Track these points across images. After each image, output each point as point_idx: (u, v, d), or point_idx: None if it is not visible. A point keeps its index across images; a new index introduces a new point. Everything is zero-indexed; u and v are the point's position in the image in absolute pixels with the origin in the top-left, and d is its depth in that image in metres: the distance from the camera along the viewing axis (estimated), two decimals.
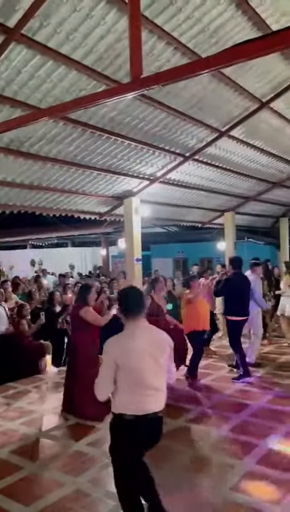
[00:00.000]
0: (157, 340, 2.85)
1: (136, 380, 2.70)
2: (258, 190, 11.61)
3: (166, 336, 2.93)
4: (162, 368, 2.80)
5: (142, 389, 2.71)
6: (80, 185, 7.95)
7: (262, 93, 7.05)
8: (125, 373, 2.68)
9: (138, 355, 2.70)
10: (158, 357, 2.76)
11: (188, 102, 6.58)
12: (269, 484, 3.57)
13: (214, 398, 5.69)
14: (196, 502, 3.38)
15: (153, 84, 3.20)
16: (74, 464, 4.01)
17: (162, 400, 2.80)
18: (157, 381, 2.75)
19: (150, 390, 2.72)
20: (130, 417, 2.70)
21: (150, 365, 2.72)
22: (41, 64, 4.88)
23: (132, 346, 2.73)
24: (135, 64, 3.30)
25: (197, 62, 3.24)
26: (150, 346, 2.77)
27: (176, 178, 9.10)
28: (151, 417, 2.73)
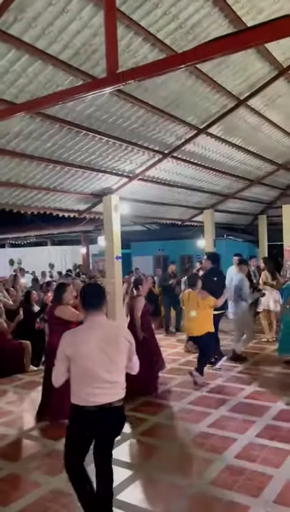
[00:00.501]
0: (111, 335, 2.91)
1: (85, 372, 2.81)
2: (236, 188, 11.72)
3: (123, 331, 3.01)
4: (117, 363, 2.86)
5: (91, 381, 2.80)
6: (58, 182, 7.87)
7: (239, 91, 7.10)
8: (76, 365, 2.82)
9: (88, 348, 2.80)
10: (111, 352, 2.84)
11: (166, 99, 6.58)
12: (247, 478, 3.60)
13: (194, 394, 5.72)
14: (175, 497, 3.39)
15: (129, 79, 3.18)
16: (52, 463, 3.97)
17: (116, 393, 2.85)
18: (110, 376, 2.82)
19: (101, 383, 2.80)
20: (80, 407, 2.82)
21: (100, 359, 2.80)
22: (16, 58, 4.79)
23: (84, 339, 2.84)
24: (110, 58, 3.27)
25: (173, 57, 3.23)
26: (103, 341, 2.84)
27: (155, 175, 9.10)
28: (102, 408, 2.79)
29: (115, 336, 2.92)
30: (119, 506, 3.29)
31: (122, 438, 4.46)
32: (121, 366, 2.91)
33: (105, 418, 2.83)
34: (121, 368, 2.91)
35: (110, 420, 2.87)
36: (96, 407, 2.79)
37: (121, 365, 2.90)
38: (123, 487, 3.56)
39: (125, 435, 4.55)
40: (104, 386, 2.81)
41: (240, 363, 7.02)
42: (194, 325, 6.23)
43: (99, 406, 2.79)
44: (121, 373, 2.91)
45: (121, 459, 4.02)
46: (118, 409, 2.89)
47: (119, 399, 2.87)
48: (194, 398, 5.55)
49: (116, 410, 2.87)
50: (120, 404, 2.89)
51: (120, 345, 2.89)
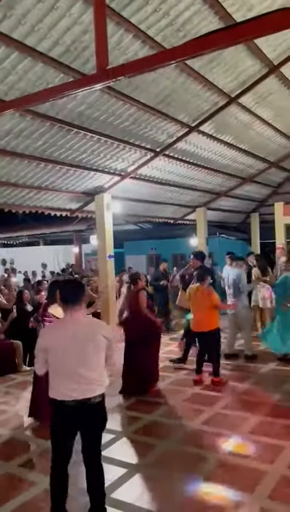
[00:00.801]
0: (87, 331, 2.91)
1: (60, 366, 2.85)
2: (228, 186, 11.75)
3: (101, 328, 2.99)
4: (92, 359, 2.86)
5: (67, 376, 2.83)
6: (50, 181, 7.83)
7: (230, 89, 7.12)
8: (52, 359, 2.88)
9: (63, 343, 2.85)
10: (87, 348, 2.85)
11: (158, 96, 6.57)
12: (241, 474, 3.61)
13: (187, 392, 5.71)
14: (170, 494, 3.38)
15: (120, 76, 3.16)
16: (46, 463, 3.89)
17: (92, 389, 2.85)
18: (85, 371, 2.83)
19: (76, 378, 2.82)
20: (56, 401, 2.86)
21: (75, 355, 2.82)
22: (5, 55, 4.76)
23: (60, 334, 2.91)
24: (100, 54, 3.25)
25: (163, 53, 3.22)
26: (78, 337, 2.86)
27: (147, 174, 9.09)
28: (79, 403, 2.81)
29: (91, 332, 2.92)
30: (114, 505, 3.28)
31: (116, 436, 4.46)
32: (97, 362, 2.90)
33: (84, 414, 2.85)
34: (96, 364, 2.90)
35: (89, 416, 2.88)
36: (74, 401, 2.81)
37: (96, 362, 2.89)
38: (118, 485, 3.55)
39: (119, 433, 4.55)
40: (79, 381, 2.82)
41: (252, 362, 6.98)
42: (204, 321, 6.11)
43: (77, 401, 2.81)
44: (97, 369, 2.90)
45: (115, 458, 4.01)
46: (97, 405, 2.88)
47: (96, 395, 2.87)
48: (188, 396, 5.54)
49: (94, 406, 2.87)
50: (98, 400, 2.89)
51: (96, 341, 2.89)
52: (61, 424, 2.91)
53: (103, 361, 2.96)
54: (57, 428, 2.94)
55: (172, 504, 3.26)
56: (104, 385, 2.95)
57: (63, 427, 2.92)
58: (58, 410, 2.88)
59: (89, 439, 2.96)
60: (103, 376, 2.96)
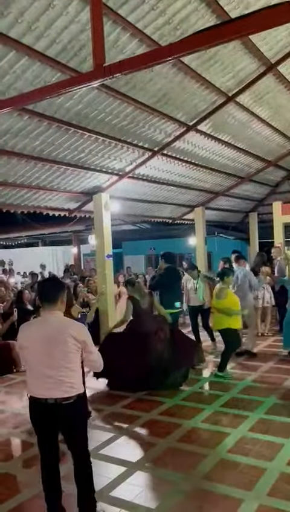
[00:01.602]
0: (57, 333, 2.85)
1: (30, 365, 2.91)
2: (227, 185, 11.73)
3: (71, 329, 2.88)
4: (59, 361, 2.82)
5: (36, 375, 2.87)
6: (48, 180, 7.81)
7: (228, 87, 7.11)
8: (25, 356, 2.94)
9: (33, 343, 2.87)
10: (55, 349, 2.81)
11: (155, 95, 6.56)
12: (240, 471, 3.60)
13: (187, 391, 5.70)
14: (169, 492, 3.37)
15: (116, 73, 3.15)
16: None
17: (63, 390, 2.82)
18: (52, 372, 2.81)
19: (44, 378, 2.82)
20: (31, 398, 2.91)
21: (42, 355, 2.82)
22: (2, 55, 4.73)
23: (31, 334, 2.93)
24: (97, 52, 3.24)
25: (160, 50, 3.21)
26: (47, 337, 2.84)
27: (145, 173, 9.07)
28: (51, 403, 2.82)
29: (61, 333, 2.85)
30: (114, 503, 3.28)
31: (116, 435, 4.46)
32: (68, 363, 2.84)
33: (58, 414, 2.85)
34: (68, 365, 2.84)
35: (63, 417, 2.86)
36: (45, 401, 2.83)
37: (67, 363, 2.83)
38: (117, 483, 3.55)
39: (118, 431, 4.54)
40: (47, 381, 2.81)
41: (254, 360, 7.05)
42: (215, 320, 6.54)
43: (48, 401, 2.82)
44: (70, 370, 2.84)
45: (114, 456, 4.01)
46: (69, 406, 2.83)
47: (68, 396, 2.83)
48: (187, 395, 5.54)
49: (67, 407, 2.83)
50: (70, 402, 2.83)
51: (66, 343, 2.82)
52: (38, 421, 2.94)
53: (75, 363, 2.89)
54: (35, 426, 2.97)
55: (171, 502, 3.26)
56: (77, 387, 2.89)
57: (40, 424, 2.94)
58: (33, 408, 2.92)
59: (69, 439, 2.97)
60: (76, 378, 2.90)
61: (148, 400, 5.44)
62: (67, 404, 2.83)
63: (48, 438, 2.95)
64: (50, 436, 2.95)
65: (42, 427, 2.94)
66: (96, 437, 4.42)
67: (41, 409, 2.86)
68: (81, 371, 3.07)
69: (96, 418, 4.93)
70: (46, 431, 2.94)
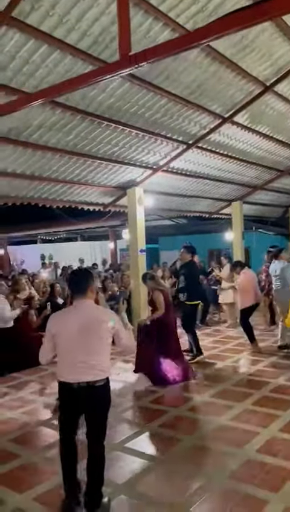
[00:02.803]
0: (92, 319, 3.03)
1: (65, 352, 3.01)
2: (265, 178, 11.42)
3: (103, 316, 3.09)
4: (95, 346, 2.98)
5: (71, 359, 2.98)
6: (82, 175, 7.88)
7: (265, 76, 6.88)
8: (58, 344, 3.04)
9: (68, 330, 3.00)
10: (90, 335, 2.97)
11: (189, 87, 6.44)
12: (268, 472, 3.48)
13: (217, 387, 5.60)
14: (193, 489, 3.31)
15: (141, 62, 3.09)
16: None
17: (95, 373, 2.97)
18: (87, 357, 2.95)
19: (79, 363, 2.95)
20: (62, 383, 3.03)
21: (79, 341, 2.96)
22: (35, 48, 4.79)
23: (65, 321, 3.06)
24: (123, 41, 3.20)
25: (186, 36, 3.11)
26: (83, 324, 2.98)
27: (179, 167, 8.97)
28: (82, 386, 2.95)
29: (96, 320, 3.02)
30: (137, 497, 3.25)
31: (142, 429, 4.43)
32: (101, 349, 3.01)
33: (86, 397, 2.98)
34: (100, 350, 3.01)
35: (92, 399, 3.00)
36: (77, 384, 2.96)
37: (100, 348, 3.01)
38: (140, 478, 3.51)
39: (144, 426, 4.51)
40: (82, 366, 2.95)
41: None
42: None
43: (79, 384, 2.95)
44: (101, 355, 3.01)
45: (139, 450, 3.98)
46: (99, 388, 2.99)
47: (99, 379, 2.98)
48: (216, 391, 5.43)
49: (96, 389, 2.98)
50: (101, 384, 2.99)
51: (100, 329, 3.00)
52: (68, 404, 3.09)
53: (107, 348, 3.07)
54: (63, 407, 3.13)
55: (194, 499, 3.19)
56: (106, 371, 3.05)
57: (68, 406, 3.09)
58: (64, 391, 3.06)
59: (91, 422, 3.08)
60: (106, 362, 3.05)
61: (177, 395, 5.38)
62: (98, 387, 2.98)
63: (73, 419, 3.10)
64: (76, 416, 3.10)
65: (71, 409, 3.08)
66: (122, 430, 4.41)
67: (73, 392, 2.98)
68: (109, 356, 3.18)
69: (124, 411, 4.93)
70: (73, 412, 3.08)
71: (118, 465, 3.71)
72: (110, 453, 3.86)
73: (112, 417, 4.62)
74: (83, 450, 3.33)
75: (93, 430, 3.08)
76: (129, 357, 7.22)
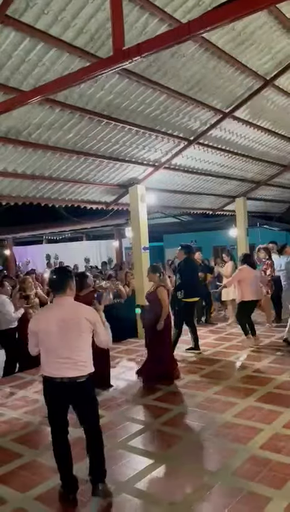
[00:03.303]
0: (71, 316, 3.13)
1: (46, 347, 3.13)
2: (269, 174, 11.33)
3: (84, 312, 3.19)
4: (74, 342, 3.08)
5: (52, 356, 3.09)
6: (83, 173, 7.85)
7: (265, 71, 6.80)
8: (40, 340, 3.17)
9: (48, 326, 3.11)
10: (70, 331, 3.07)
11: (188, 82, 6.39)
12: (271, 469, 3.44)
13: (220, 384, 5.56)
14: (195, 486, 3.28)
15: (135, 56, 3.06)
16: (74, 450, 3.93)
17: (76, 369, 3.08)
18: (67, 352, 3.06)
19: (60, 359, 3.06)
20: (46, 377, 3.15)
21: (58, 337, 3.07)
22: (31, 47, 4.76)
23: (45, 318, 3.18)
24: (116, 36, 3.18)
25: (178, 28, 3.07)
26: (62, 320, 3.09)
27: (181, 163, 8.92)
28: (66, 381, 3.06)
29: (75, 316, 3.13)
30: (137, 495, 3.24)
31: (144, 427, 4.41)
32: (80, 345, 3.11)
33: (71, 392, 3.10)
34: (81, 346, 3.11)
35: (76, 393, 3.12)
36: (60, 379, 3.06)
37: (80, 344, 3.10)
38: (143, 476, 3.50)
39: (147, 424, 4.49)
40: (63, 361, 3.05)
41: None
42: None
43: (63, 380, 3.06)
44: (82, 351, 3.11)
45: (141, 448, 3.97)
46: (82, 383, 3.10)
47: (81, 375, 3.10)
48: (220, 388, 5.39)
49: (80, 384, 3.09)
50: (84, 380, 3.10)
51: (80, 325, 3.10)
52: (52, 399, 3.19)
53: (87, 344, 3.17)
54: (49, 403, 3.22)
55: (196, 497, 3.16)
56: (88, 366, 3.15)
57: (53, 402, 3.20)
58: (48, 386, 3.17)
59: (81, 415, 3.23)
60: (87, 358, 3.16)
61: (180, 393, 5.35)
62: (80, 382, 3.09)
63: (60, 411, 3.20)
64: (62, 410, 3.20)
65: (56, 403, 3.18)
66: (126, 428, 4.40)
67: (56, 387, 3.09)
68: (91, 350, 3.25)
69: (127, 409, 4.91)
70: (58, 407, 3.19)
71: (121, 463, 3.69)
72: (113, 451, 3.85)
73: (115, 415, 4.65)
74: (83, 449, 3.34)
75: (84, 421, 3.23)
76: (134, 355, 7.23)
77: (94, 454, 3.24)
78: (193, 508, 3.03)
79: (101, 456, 3.25)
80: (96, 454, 3.24)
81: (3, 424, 4.73)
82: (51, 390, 3.16)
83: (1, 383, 6.24)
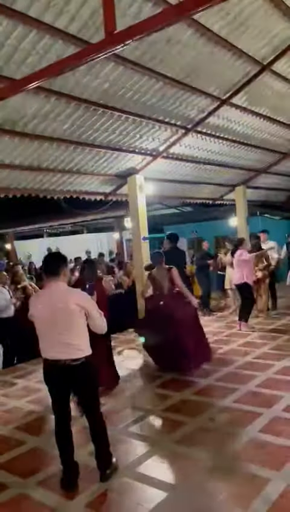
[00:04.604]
0: (62, 300, 3.13)
1: (41, 331, 3.19)
2: (268, 162, 11.26)
3: (74, 297, 3.18)
4: (67, 326, 3.10)
5: (46, 340, 3.15)
6: (81, 164, 7.81)
7: (262, 55, 6.73)
8: (36, 325, 3.22)
9: (41, 311, 3.17)
10: (61, 315, 3.09)
11: (184, 69, 6.33)
12: (270, 452, 3.46)
13: (222, 371, 5.58)
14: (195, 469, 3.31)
15: (127, 40, 3.02)
16: (76, 437, 3.95)
17: (70, 352, 3.10)
18: (61, 337, 3.09)
19: (54, 343, 3.10)
20: (45, 361, 3.20)
21: (51, 321, 3.10)
22: (24, 35, 4.71)
23: (39, 303, 3.24)
24: (108, 19, 3.15)
25: (169, 9, 3.03)
26: (54, 305, 3.12)
27: (180, 152, 8.86)
28: (61, 364, 3.10)
29: (65, 300, 3.13)
30: (138, 478, 3.27)
31: (145, 413, 4.44)
32: (73, 329, 3.12)
33: (69, 374, 3.13)
34: (73, 331, 3.12)
35: (74, 376, 3.14)
36: (56, 362, 3.11)
37: (72, 328, 3.11)
38: (143, 460, 3.54)
39: (148, 410, 4.52)
40: (56, 345, 3.10)
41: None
42: None
43: (59, 363, 3.10)
44: (75, 336, 3.12)
45: (143, 434, 4.01)
46: (79, 366, 3.12)
47: (76, 358, 3.11)
48: (221, 375, 5.41)
49: (77, 367, 3.12)
50: (80, 363, 3.12)
51: (69, 309, 3.11)
52: (51, 383, 3.24)
53: (81, 328, 3.17)
54: (49, 386, 3.26)
55: (196, 479, 3.19)
56: (84, 349, 3.17)
57: (53, 384, 3.23)
58: (47, 368, 3.22)
59: (80, 398, 3.34)
60: (82, 341, 3.18)
61: (181, 380, 5.37)
62: (76, 365, 3.11)
63: (60, 396, 3.23)
64: (62, 395, 3.23)
65: (55, 386, 3.22)
66: (127, 415, 4.44)
67: (54, 369, 3.14)
68: (87, 335, 3.26)
69: (129, 396, 4.94)
70: (58, 390, 3.22)
71: (122, 449, 3.71)
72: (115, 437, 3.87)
73: (117, 402, 4.68)
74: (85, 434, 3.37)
75: (85, 405, 3.31)
76: (134, 345, 7.25)
77: (97, 440, 3.28)
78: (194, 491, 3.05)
79: (105, 441, 3.30)
80: (99, 440, 3.28)
81: (6, 414, 4.77)
82: (49, 374, 3.21)
83: (2, 374, 6.28)
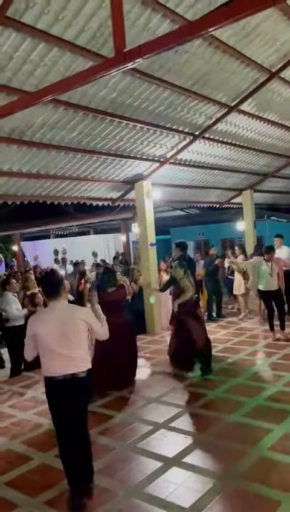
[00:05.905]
0: (67, 317, 3.27)
1: (46, 348, 3.24)
2: (276, 166, 11.21)
3: (78, 313, 3.34)
4: (73, 340, 3.22)
5: (52, 356, 3.22)
6: (88, 171, 7.81)
7: (270, 63, 6.68)
8: (39, 342, 3.26)
9: (46, 328, 3.23)
10: (67, 331, 3.22)
11: (192, 78, 6.30)
12: (280, 471, 3.43)
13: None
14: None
15: (136, 58, 3.02)
16: None
17: (76, 365, 3.22)
18: (66, 351, 3.19)
19: (60, 358, 3.19)
20: (49, 378, 3.24)
21: (57, 338, 3.20)
22: (32, 47, 4.71)
23: (44, 321, 3.28)
24: (117, 37, 3.13)
25: (183, 28, 3.01)
26: (59, 322, 3.23)
27: (187, 158, 8.84)
28: (66, 378, 3.19)
29: (71, 316, 3.28)
30: (147, 500, 3.27)
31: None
32: (77, 343, 3.24)
33: (71, 386, 3.20)
34: (78, 344, 3.25)
35: (75, 388, 3.22)
36: (62, 376, 3.19)
37: (78, 342, 3.24)
38: (152, 479, 3.50)
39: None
40: (62, 359, 3.19)
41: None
42: None
43: (64, 376, 3.18)
44: (79, 349, 3.25)
45: (151, 450, 3.98)
46: (81, 379, 3.23)
47: (80, 371, 3.23)
48: (229, 386, 5.38)
49: (79, 380, 3.23)
50: (83, 376, 3.24)
51: (76, 325, 3.26)
52: (55, 399, 3.27)
53: (84, 342, 3.31)
54: (53, 405, 3.29)
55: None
56: (86, 362, 3.30)
57: (57, 401, 3.26)
58: (50, 385, 3.26)
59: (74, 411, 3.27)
60: (85, 355, 3.32)
61: (189, 392, 5.34)
62: (80, 378, 3.23)
63: (65, 414, 3.25)
64: (66, 412, 3.25)
65: (59, 403, 3.25)
66: (136, 429, 4.41)
67: (59, 385, 3.20)
68: (87, 348, 3.40)
69: (137, 410, 4.92)
70: (63, 406, 3.24)
71: (130, 467, 3.69)
72: (120, 454, 3.86)
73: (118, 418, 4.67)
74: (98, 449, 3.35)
75: (75, 417, 3.28)
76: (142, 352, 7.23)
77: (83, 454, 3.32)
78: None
79: (90, 454, 3.38)
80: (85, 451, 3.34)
81: (14, 427, 4.76)
82: (54, 390, 3.24)
83: (9, 383, 6.29)
